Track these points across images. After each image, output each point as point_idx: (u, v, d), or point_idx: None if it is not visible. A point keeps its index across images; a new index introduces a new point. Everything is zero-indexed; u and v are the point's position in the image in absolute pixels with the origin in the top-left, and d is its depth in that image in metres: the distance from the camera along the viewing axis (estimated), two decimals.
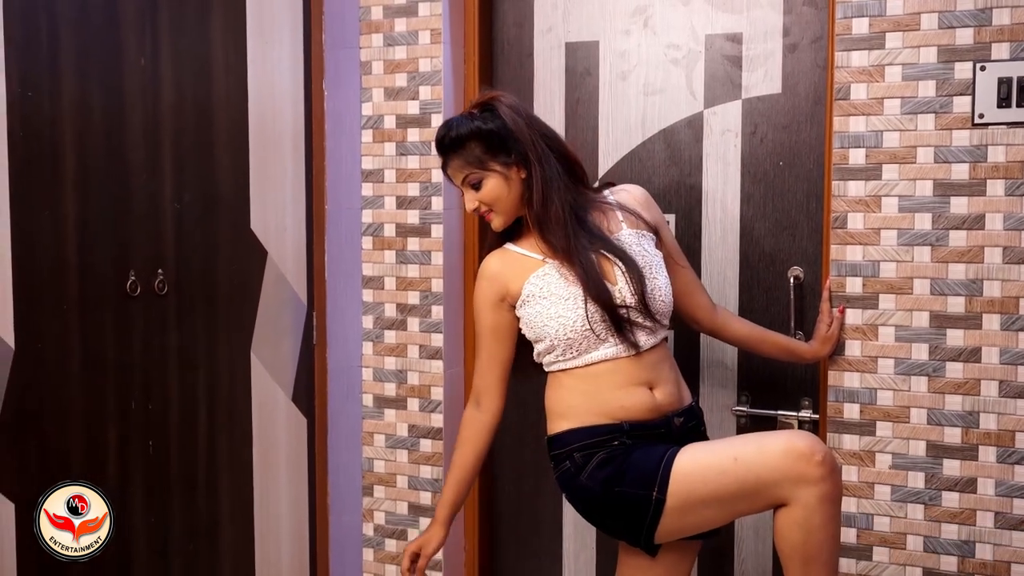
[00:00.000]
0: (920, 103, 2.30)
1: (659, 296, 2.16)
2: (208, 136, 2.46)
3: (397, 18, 2.79)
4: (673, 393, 2.20)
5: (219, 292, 2.50)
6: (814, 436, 1.96)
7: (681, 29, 2.65)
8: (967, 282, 2.29)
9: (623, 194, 2.29)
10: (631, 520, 2.07)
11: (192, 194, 2.40)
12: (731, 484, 1.98)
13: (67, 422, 2.10)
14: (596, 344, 2.13)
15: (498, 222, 2.22)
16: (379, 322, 2.87)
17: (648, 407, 2.15)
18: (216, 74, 2.48)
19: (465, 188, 2.20)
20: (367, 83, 2.84)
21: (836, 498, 1.94)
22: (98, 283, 2.16)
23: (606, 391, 2.14)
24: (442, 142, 2.20)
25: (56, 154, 2.05)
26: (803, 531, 1.93)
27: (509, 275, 2.20)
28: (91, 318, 2.14)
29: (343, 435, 2.94)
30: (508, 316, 2.23)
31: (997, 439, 2.29)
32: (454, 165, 2.20)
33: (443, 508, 2.30)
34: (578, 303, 2.12)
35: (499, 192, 2.17)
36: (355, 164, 2.87)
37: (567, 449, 2.15)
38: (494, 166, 2.16)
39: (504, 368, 2.27)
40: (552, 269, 2.16)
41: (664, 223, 2.35)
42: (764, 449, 1.97)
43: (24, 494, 2.00)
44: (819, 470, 1.90)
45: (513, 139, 2.16)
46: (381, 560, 2.92)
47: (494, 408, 2.28)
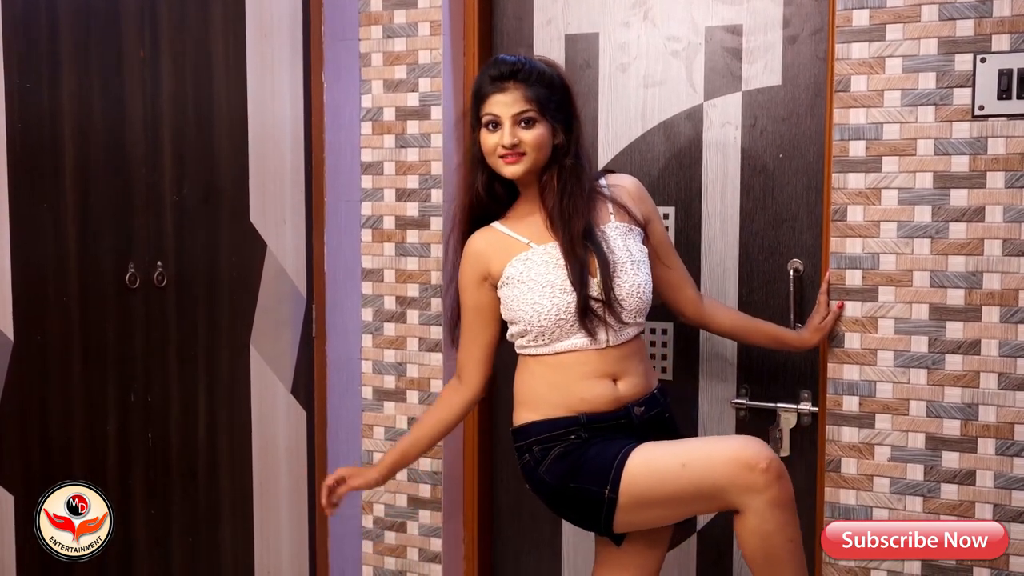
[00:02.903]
0: (920, 95, 2.30)
1: (636, 293, 2.16)
2: (208, 128, 2.46)
3: (396, 10, 2.79)
4: (638, 384, 2.21)
5: (218, 285, 2.50)
6: (761, 443, 1.99)
7: (681, 21, 2.65)
8: (967, 274, 2.29)
9: (617, 187, 2.28)
10: (587, 514, 2.11)
11: (192, 186, 2.40)
12: (680, 488, 2.01)
13: (67, 414, 2.10)
14: (567, 333, 2.15)
15: (519, 169, 2.16)
16: (379, 315, 2.87)
17: (609, 399, 2.16)
18: (216, 66, 2.48)
19: (510, 122, 2.13)
20: (366, 75, 2.84)
21: (785, 503, 1.97)
22: (97, 275, 2.16)
23: (570, 382, 2.16)
24: (512, 71, 2.14)
25: (55, 146, 2.05)
26: (759, 537, 1.97)
27: (491, 254, 2.21)
28: (91, 310, 2.14)
29: (343, 428, 2.94)
30: (490, 295, 2.24)
31: (996, 431, 2.29)
32: (512, 95, 2.13)
33: (390, 455, 2.36)
34: (555, 292, 2.13)
35: (544, 142, 2.16)
36: (355, 156, 2.87)
37: (527, 442, 2.19)
38: (549, 117, 2.16)
39: (486, 348, 2.28)
40: (535, 255, 2.17)
41: (656, 217, 2.33)
42: (712, 457, 1.99)
43: (24, 486, 2.00)
44: (764, 478, 1.93)
45: (569, 105, 2.19)
46: (380, 552, 2.92)
47: (474, 384, 2.30)
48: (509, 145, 2.13)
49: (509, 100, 2.13)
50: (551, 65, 2.22)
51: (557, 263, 2.16)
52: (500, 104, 2.14)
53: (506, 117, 2.13)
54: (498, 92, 2.15)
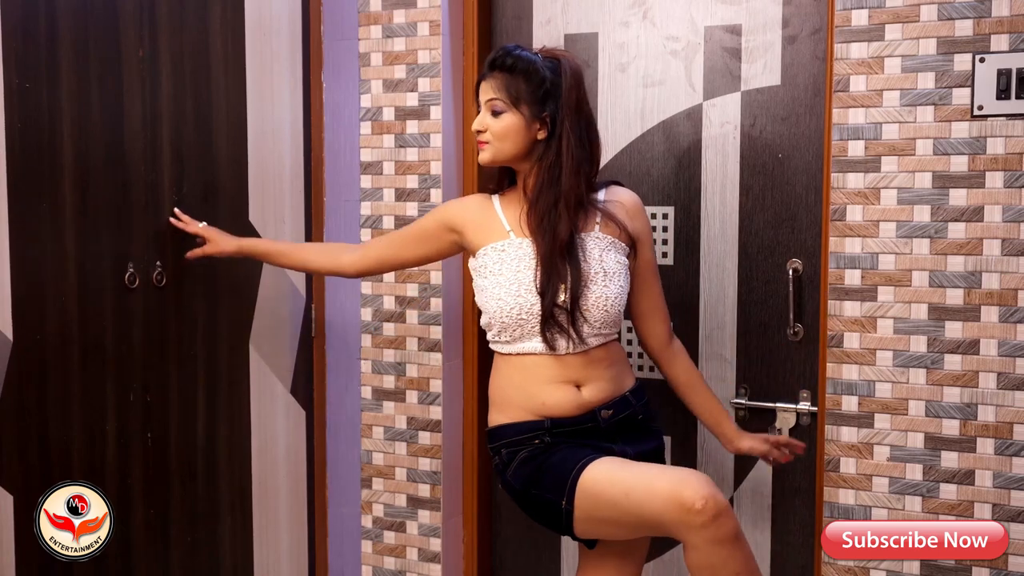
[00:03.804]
0: (919, 95, 2.30)
1: (601, 305, 2.14)
2: (207, 128, 2.46)
3: (396, 9, 2.79)
4: (605, 388, 2.19)
5: (218, 284, 2.50)
6: (701, 480, 1.94)
7: (680, 20, 2.65)
8: (966, 274, 2.29)
9: (614, 203, 2.25)
10: (550, 519, 2.13)
11: (191, 186, 2.40)
12: (625, 514, 2.01)
13: (66, 414, 2.10)
14: (528, 335, 2.16)
15: (486, 156, 2.20)
16: (378, 314, 2.87)
17: (572, 404, 2.16)
18: (215, 65, 2.48)
19: (485, 108, 2.18)
20: (366, 75, 2.84)
21: (728, 538, 1.92)
22: (97, 275, 2.16)
23: (533, 385, 2.17)
24: (496, 59, 2.18)
25: (54, 145, 2.05)
26: (708, 570, 1.95)
27: (475, 226, 2.24)
28: (90, 310, 2.14)
29: (342, 427, 2.94)
30: (441, 243, 2.32)
31: (995, 431, 2.29)
32: (492, 83, 2.17)
33: (262, 243, 2.51)
34: (520, 290, 2.13)
35: (510, 133, 2.15)
36: (354, 156, 2.87)
37: (496, 445, 2.22)
38: (523, 109, 2.15)
39: (392, 259, 2.40)
40: (511, 247, 2.18)
41: (647, 239, 2.29)
42: (651, 491, 1.96)
43: (23, 486, 2.00)
44: (700, 518, 1.89)
45: (555, 99, 2.15)
46: (380, 552, 2.92)
47: (358, 264, 2.41)
48: (475, 130, 2.20)
49: (488, 87, 2.18)
50: (556, 58, 2.17)
51: (529, 262, 2.15)
52: (482, 90, 2.19)
53: (483, 103, 2.19)
54: (485, 78, 2.19)
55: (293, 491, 2.84)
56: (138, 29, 2.24)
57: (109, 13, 2.17)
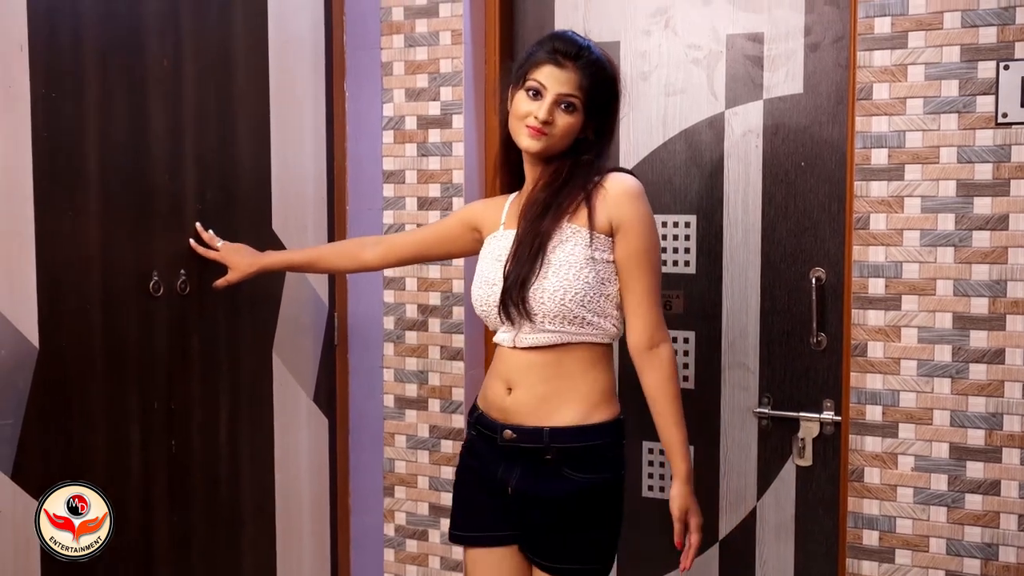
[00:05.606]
0: (943, 103, 2.29)
1: (538, 297, 2.01)
2: (230, 136, 2.47)
3: (418, 19, 2.80)
4: (528, 404, 2.06)
5: (241, 292, 2.51)
6: None
7: (702, 29, 2.65)
8: (991, 283, 2.27)
9: (601, 188, 2.07)
10: None
11: (214, 194, 2.42)
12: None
13: (90, 421, 2.11)
14: (494, 324, 2.13)
15: (538, 145, 2.05)
16: (400, 323, 2.88)
17: (498, 406, 2.12)
18: (237, 75, 2.49)
19: (552, 99, 2.03)
20: (388, 84, 2.85)
21: None
22: (121, 283, 2.17)
23: (490, 375, 2.17)
24: (579, 49, 2.05)
25: (80, 154, 2.07)
26: None
27: (488, 223, 2.24)
28: (114, 318, 2.15)
29: (364, 435, 2.94)
30: (464, 241, 2.32)
31: (1021, 441, 2.27)
32: (568, 75, 2.03)
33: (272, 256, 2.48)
34: (480, 283, 2.13)
35: (571, 132, 2.06)
36: (376, 165, 2.88)
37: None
38: (588, 110, 2.07)
39: (418, 247, 2.40)
40: (497, 238, 2.17)
41: (632, 229, 2.04)
42: None
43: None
44: None
45: (610, 107, 2.12)
46: (402, 561, 2.92)
47: (379, 259, 2.43)
48: (542, 120, 2.03)
49: (563, 78, 2.03)
50: (611, 64, 2.12)
51: (501, 254, 2.11)
52: (552, 77, 2.03)
53: (552, 92, 2.03)
54: (554, 65, 2.03)
55: (316, 499, 2.84)
56: (162, 39, 2.26)
57: (134, 23, 2.19)
